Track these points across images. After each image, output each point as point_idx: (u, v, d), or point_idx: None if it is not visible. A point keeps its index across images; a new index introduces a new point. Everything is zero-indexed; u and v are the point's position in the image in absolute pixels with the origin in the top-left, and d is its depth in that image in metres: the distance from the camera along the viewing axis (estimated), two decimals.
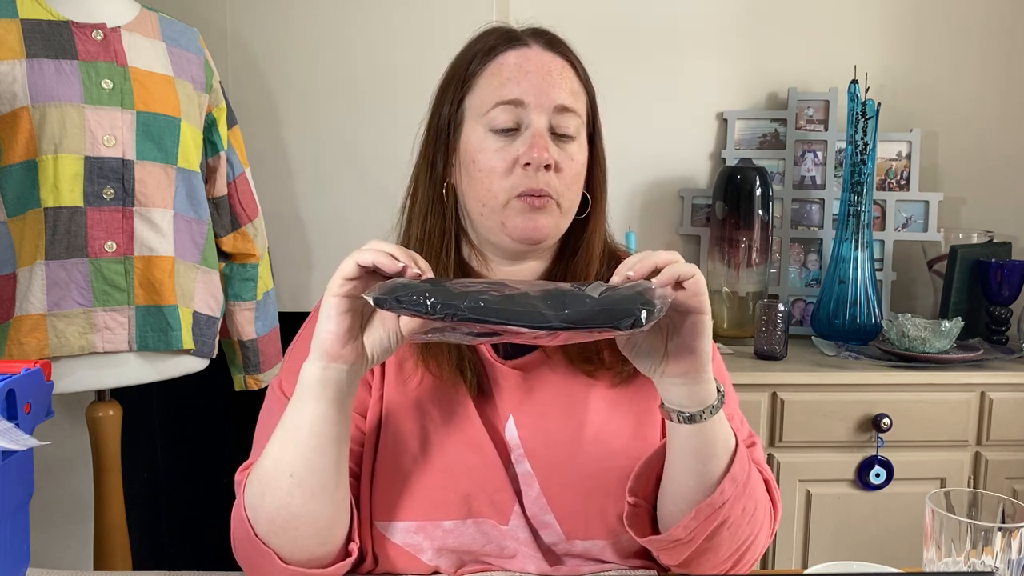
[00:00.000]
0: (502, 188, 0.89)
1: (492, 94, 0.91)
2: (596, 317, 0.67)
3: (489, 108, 0.90)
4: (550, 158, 0.88)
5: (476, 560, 0.89)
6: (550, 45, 0.95)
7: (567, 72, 0.93)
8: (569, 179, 0.91)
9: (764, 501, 0.88)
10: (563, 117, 0.91)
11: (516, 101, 0.90)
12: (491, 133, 0.90)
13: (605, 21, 2.16)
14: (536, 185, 0.88)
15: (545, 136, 0.90)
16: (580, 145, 0.93)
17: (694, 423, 0.79)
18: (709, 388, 0.79)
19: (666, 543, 0.83)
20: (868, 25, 2.19)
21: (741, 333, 2.04)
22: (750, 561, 0.88)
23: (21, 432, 0.72)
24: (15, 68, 1.36)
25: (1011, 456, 1.82)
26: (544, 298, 0.68)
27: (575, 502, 0.88)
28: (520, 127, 0.90)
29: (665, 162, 2.20)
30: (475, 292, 0.68)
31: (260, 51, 1.84)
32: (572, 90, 0.93)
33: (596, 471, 0.88)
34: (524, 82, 0.90)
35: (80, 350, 1.42)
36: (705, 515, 0.80)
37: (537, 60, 0.92)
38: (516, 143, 0.90)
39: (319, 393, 0.78)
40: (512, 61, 0.92)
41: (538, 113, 0.90)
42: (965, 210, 2.23)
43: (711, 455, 0.80)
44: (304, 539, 0.80)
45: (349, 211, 1.87)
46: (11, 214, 1.40)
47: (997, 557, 0.74)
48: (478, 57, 0.94)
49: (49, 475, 1.90)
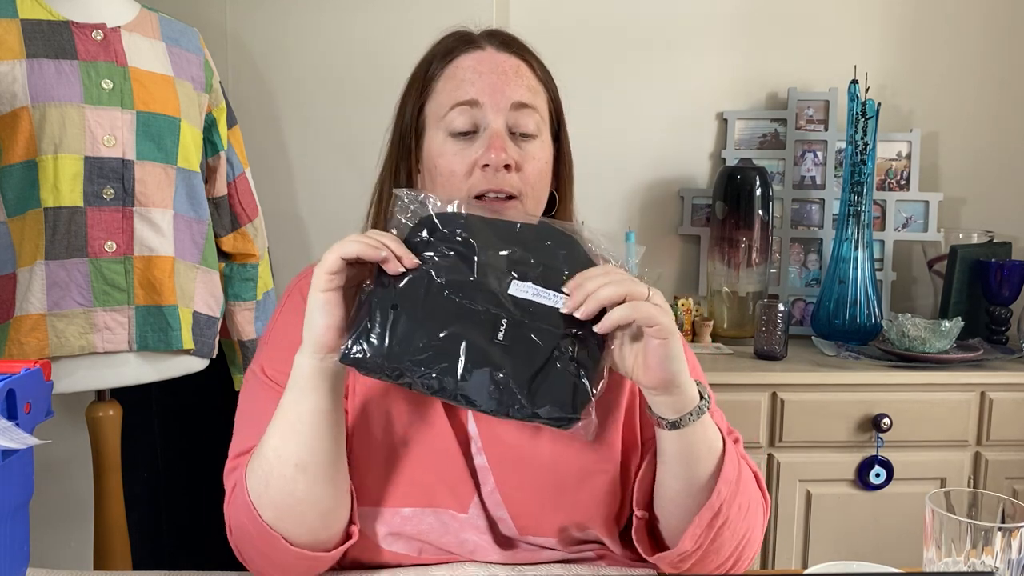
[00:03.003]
0: (462, 190, 0.90)
1: (448, 97, 0.92)
2: (530, 416, 0.74)
3: (446, 111, 0.91)
4: (508, 158, 0.88)
5: (436, 548, 0.90)
6: (505, 46, 0.95)
7: (523, 70, 0.94)
8: (532, 177, 0.91)
9: (756, 495, 0.89)
10: (521, 115, 0.91)
11: (471, 102, 0.90)
12: (450, 137, 0.91)
13: (605, 21, 2.16)
14: (496, 185, 0.89)
15: (503, 136, 0.90)
16: (542, 143, 0.93)
17: (678, 428, 0.79)
18: (687, 396, 0.79)
19: (675, 558, 0.83)
20: (868, 25, 2.19)
21: (741, 333, 2.04)
22: (749, 557, 0.89)
23: (21, 432, 0.72)
24: (15, 68, 1.36)
25: (1011, 456, 1.82)
26: (495, 389, 0.74)
27: (528, 501, 0.89)
28: (478, 129, 0.91)
29: (665, 162, 2.20)
30: (430, 365, 0.74)
31: (260, 51, 1.84)
32: (529, 87, 0.93)
33: (550, 472, 0.89)
34: (479, 83, 0.91)
35: (80, 350, 1.42)
36: (707, 520, 0.81)
37: (491, 61, 0.93)
38: (475, 145, 0.90)
39: (318, 384, 0.79)
40: (467, 64, 0.93)
41: (495, 113, 0.90)
42: (965, 210, 2.23)
43: (696, 459, 0.81)
44: (310, 522, 0.81)
45: (349, 211, 1.85)
46: (11, 214, 1.40)
47: (997, 557, 0.74)
48: (435, 62, 0.95)
49: (49, 475, 1.89)
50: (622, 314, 0.74)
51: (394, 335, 0.74)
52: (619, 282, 0.74)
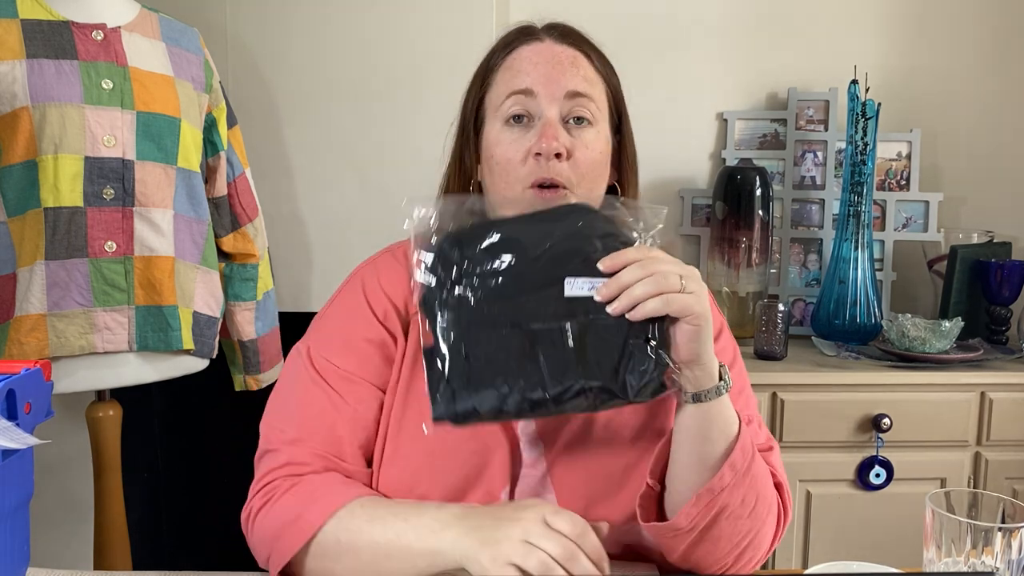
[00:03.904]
0: (517, 178, 0.91)
1: (505, 87, 0.93)
2: (626, 403, 0.79)
3: (502, 101, 0.93)
4: (560, 146, 0.89)
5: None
6: (563, 37, 0.96)
7: (579, 60, 0.95)
8: (584, 167, 0.91)
9: (770, 499, 0.88)
10: (576, 103, 0.92)
11: (526, 91, 0.92)
12: (506, 126, 0.92)
13: (605, 21, 2.14)
14: (547, 175, 0.89)
15: (556, 125, 0.91)
16: (599, 133, 0.94)
17: (698, 403, 0.81)
18: (708, 373, 0.80)
19: (667, 531, 0.84)
20: (868, 25, 2.19)
21: (741, 333, 2.04)
22: (752, 560, 0.88)
23: (21, 432, 0.72)
24: (15, 68, 1.36)
25: (1011, 456, 1.82)
26: (587, 393, 0.77)
27: (578, 486, 0.89)
28: (534, 118, 0.92)
29: (665, 162, 2.20)
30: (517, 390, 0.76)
31: (260, 51, 1.84)
32: (585, 77, 0.94)
33: (602, 459, 0.90)
34: (534, 72, 0.92)
35: (80, 350, 1.42)
36: (705, 501, 0.81)
37: (548, 52, 0.94)
38: (530, 134, 0.91)
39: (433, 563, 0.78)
40: (524, 55, 0.94)
41: (549, 102, 0.91)
42: (965, 210, 2.23)
43: (707, 437, 0.82)
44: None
45: (349, 211, 1.87)
46: (11, 214, 1.40)
47: (997, 557, 0.74)
48: (496, 54, 0.97)
49: (49, 475, 1.89)
50: (655, 306, 0.76)
51: (472, 380, 0.76)
52: (653, 277, 0.77)
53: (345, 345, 0.94)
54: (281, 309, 1.84)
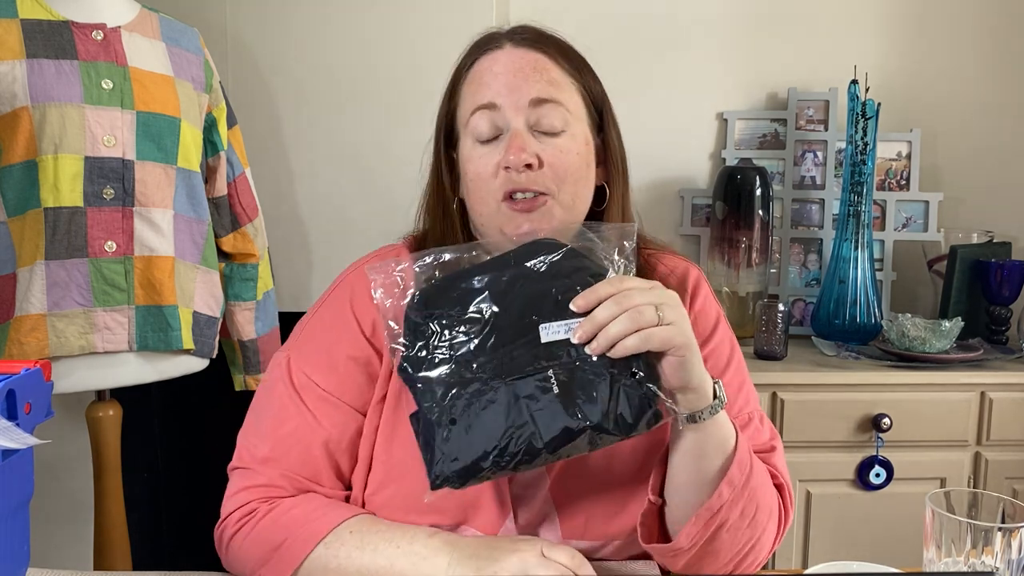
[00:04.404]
0: (490, 192, 0.89)
1: (470, 102, 0.91)
2: (624, 438, 0.76)
3: (468, 117, 0.91)
4: (529, 157, 0.87)
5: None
6: (525, 42, 0.93)
7: (543, 64, 0.91)
8: (561, 172, 0.89)
9: (770, 505, 0.87)
10: (542, 110, 0.89)
11: (489, 105, 0.89)
12: (477, 142, 0.90)
13: (604, 21, 2.16)
14: (522, 185, 0.87)
15: (523, 136, 0.88)
16: (572, 137, 0.90)
17: (693, 423, 0.79)
18: (701, 396, 0.78)
19: (668, 552, 0.83)
20: (868, 25, 2.18)
21: (741, 333, 2.03)
22: (752, 565, 0.88)
23: (21, 432, 0.72)
24: (15, 68, 1.36)
25: (1011, 456, 1.82)
26: (581, 436, 0.74)
27: (579, 502, 0.89)
28: (502, 131, 0.90)
29: (665, 162, 2.20)
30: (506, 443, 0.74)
31: (260, 51, 1.84)
32: (550, 80, 0.91)
33: (604, 476, 0.89)
34: (495, 84, 0.90)
35: (80, 350, 1.42)
36: (704, 520, 0.80)
37: (507, 60, 0.91)
38: (499, 147, 0.89)
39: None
40: (484, 66, 0.92)
41: (514, 112, 0.89)
42: (965, 210, 2.22)
43: (704, 454, 0.81)
44: None
45: (349, 211, 1.87)
46: (11, 214, 1.39)
47: (997, 557, 0.74)
48: (462, 69, 0.94)
49: (49, 475, 1.89)
50: (635, 343, 0.73)
51: (464, 442, 0.74)
52: (628, 314, 0.74)
53: (327, 362, 0.91)
54: (281, 309, 1.84)
